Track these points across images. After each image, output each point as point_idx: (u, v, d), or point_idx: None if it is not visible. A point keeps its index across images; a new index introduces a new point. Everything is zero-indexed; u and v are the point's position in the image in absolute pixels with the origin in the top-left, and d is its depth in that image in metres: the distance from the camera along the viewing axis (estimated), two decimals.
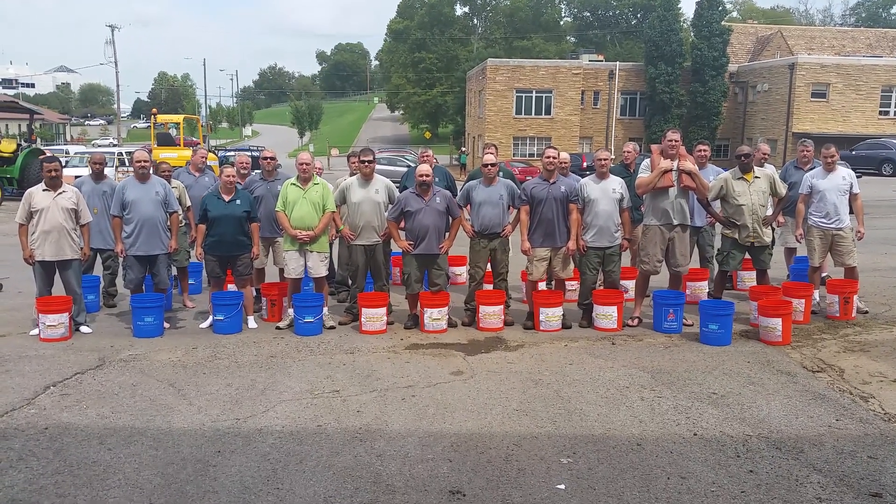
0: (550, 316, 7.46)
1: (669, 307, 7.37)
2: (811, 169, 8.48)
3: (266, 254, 8.24)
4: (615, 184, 7.51)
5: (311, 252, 7.50)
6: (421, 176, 7.44)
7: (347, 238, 7.73)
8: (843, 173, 8.02)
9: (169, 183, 7.98)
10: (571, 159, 8.33)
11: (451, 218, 7.64)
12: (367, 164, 7.65)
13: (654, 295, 7.57)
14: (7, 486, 4.14)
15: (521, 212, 7.56)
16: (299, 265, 7.52)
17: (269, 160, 8.21)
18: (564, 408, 5.32)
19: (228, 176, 7.47)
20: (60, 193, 7.26)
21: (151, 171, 7.66)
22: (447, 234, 7.69)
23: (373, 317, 7.39)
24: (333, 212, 7.61)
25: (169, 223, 7.63)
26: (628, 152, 9.16)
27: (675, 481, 4.18)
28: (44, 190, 7.25)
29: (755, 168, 7.88)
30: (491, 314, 7.53)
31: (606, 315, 7.48)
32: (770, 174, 7.93)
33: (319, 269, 7.58)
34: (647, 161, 7.63)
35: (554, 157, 7.47)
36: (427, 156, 8.49)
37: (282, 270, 8.13)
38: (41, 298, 7.22)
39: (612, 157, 8.10)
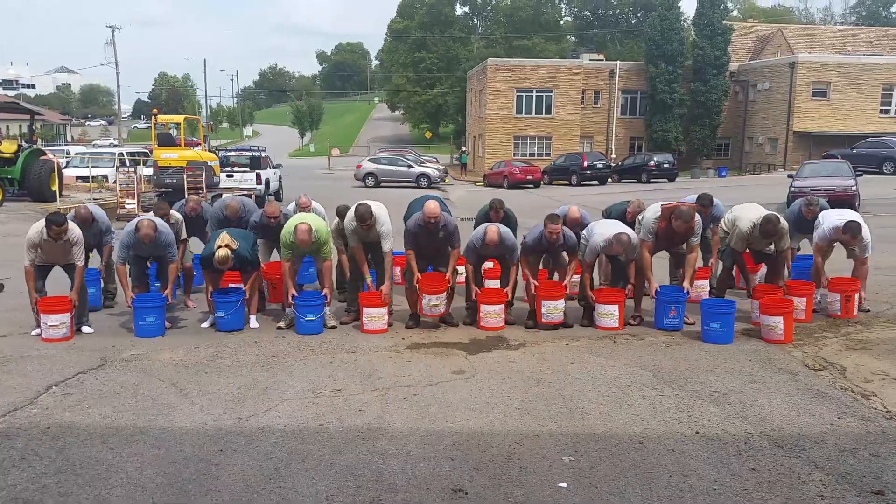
0: (552, 308, 7.44)
1: (671, 304, 7.37)
2: (813, 219, 8.32)
3: (269, 253, 8.26)
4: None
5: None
6: (429, 219, 7.35)
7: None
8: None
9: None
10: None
11: (450, 248, 7.60)
12: (366, 226, 7.54)
13: (657, 292, 7.56)
14: (10, 485, 4.14)
15: (512, 271, 7.66)
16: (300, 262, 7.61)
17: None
18: (566, 406, 5.32)
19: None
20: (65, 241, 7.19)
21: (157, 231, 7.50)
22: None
23: (374, 316, 7.39)
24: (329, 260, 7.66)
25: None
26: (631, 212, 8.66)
27: (677, 479, 4.18)
28: (45, 240, 7.12)
29: None
30: (492, 313, 7.53)
31: (608, 314, 7.47)
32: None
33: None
34: (648, 219, 7.56)
35: (556, 234, 7.37)
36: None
37: None
38: (43, 299, 7.22)
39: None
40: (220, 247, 7.16)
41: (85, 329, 7.39)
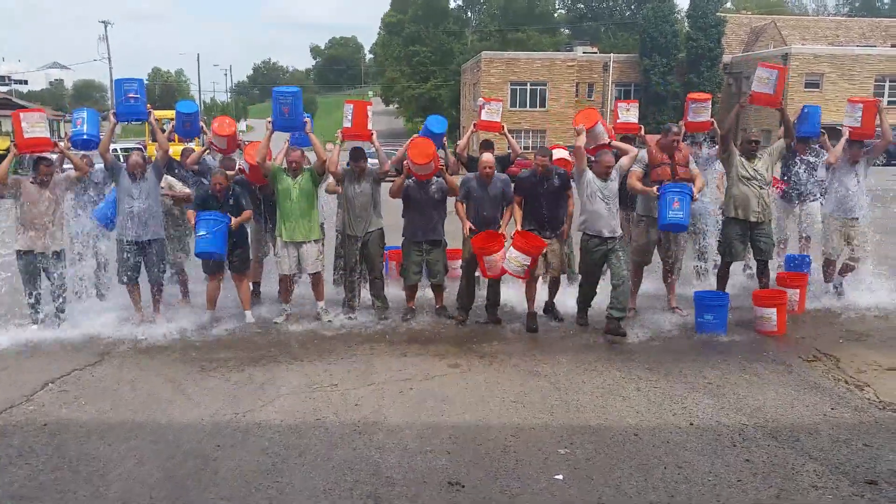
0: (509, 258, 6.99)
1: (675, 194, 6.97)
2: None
3: (263, 250, 8.23)
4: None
5: (304, 244, 7.48)
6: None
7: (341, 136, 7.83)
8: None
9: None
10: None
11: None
12: (359, 168, 7.63)
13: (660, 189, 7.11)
14: (7, 482, 4.16)
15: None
16: (292, 261, 7.49)
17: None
18: (561, 399, 5.35)
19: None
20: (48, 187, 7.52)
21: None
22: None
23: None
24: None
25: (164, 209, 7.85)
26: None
27: (671, 471, 4.22)
28: (31, 182, 7.42)
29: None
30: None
31: None
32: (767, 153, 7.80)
33: (314, 264, 7.54)
34: (643, 153, 7.54)
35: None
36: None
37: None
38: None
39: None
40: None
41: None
